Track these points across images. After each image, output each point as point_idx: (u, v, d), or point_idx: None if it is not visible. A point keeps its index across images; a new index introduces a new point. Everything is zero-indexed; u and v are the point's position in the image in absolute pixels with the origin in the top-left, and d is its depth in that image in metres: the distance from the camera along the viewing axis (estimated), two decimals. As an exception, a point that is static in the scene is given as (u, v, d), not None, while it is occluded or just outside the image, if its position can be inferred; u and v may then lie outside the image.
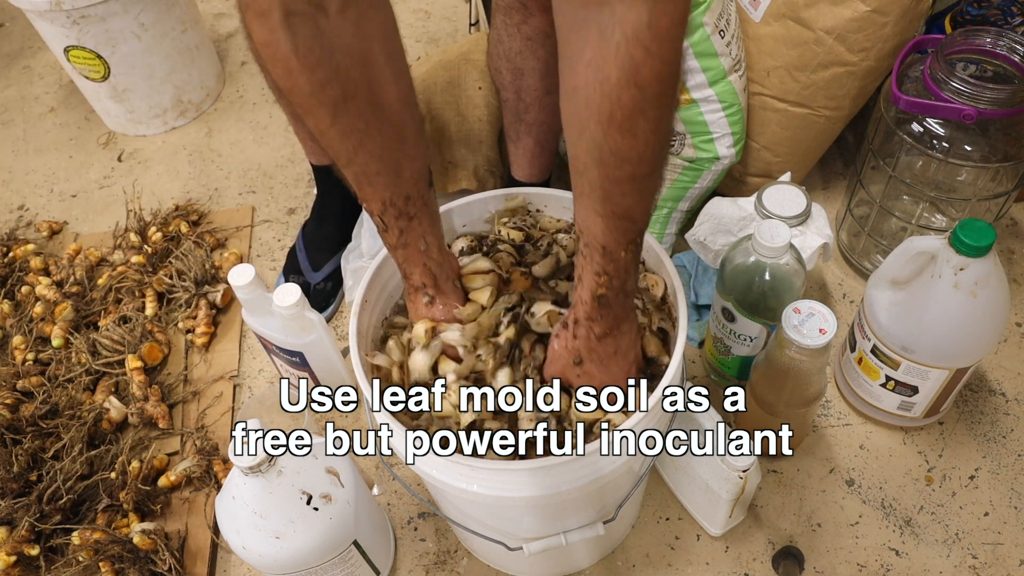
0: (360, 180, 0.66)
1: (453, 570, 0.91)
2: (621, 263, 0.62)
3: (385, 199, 0.67)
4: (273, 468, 0.68)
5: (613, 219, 0.59)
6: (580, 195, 0.61)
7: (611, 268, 0.62)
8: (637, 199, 0.59)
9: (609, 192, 0.58)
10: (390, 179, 0.66)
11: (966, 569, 0.88)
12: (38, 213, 1.40)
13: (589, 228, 0.61)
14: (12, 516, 0.92)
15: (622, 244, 0.61)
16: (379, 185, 0.66)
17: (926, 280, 0.82)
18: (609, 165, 0.56)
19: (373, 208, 0.68)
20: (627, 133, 0.54)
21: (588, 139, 0.56)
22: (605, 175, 0.57)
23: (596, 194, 0.58)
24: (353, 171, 0.65)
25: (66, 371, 1.07)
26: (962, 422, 0.99)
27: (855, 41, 1.00)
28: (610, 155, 0.55)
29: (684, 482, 0.90)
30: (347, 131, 0.61)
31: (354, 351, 0.71)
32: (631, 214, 0.60)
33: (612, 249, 0.61)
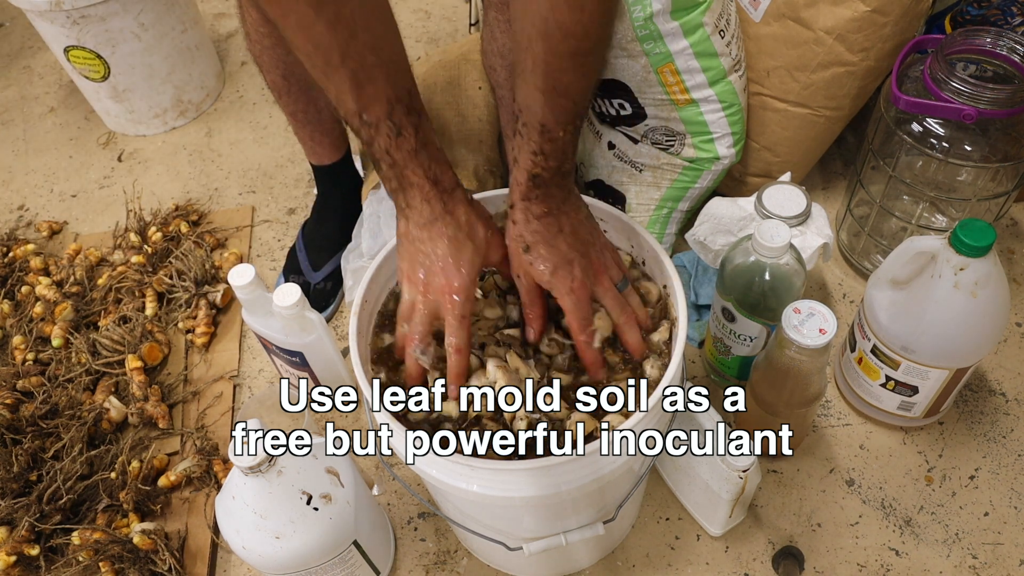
0: (359, 78, 0.59)
1: (453, 570, 0.91)
2: (559, 142, 0.62)
3: (390, 96, 0.60)
4: (273, 468, 0.68)
5: (553, 95, 0.60)
6: (522, 71, 0.60)
7: (548, 147, 0.62)
8: (578, 76, 0.60)
9: (551, 67, 0.58)
10: (390, 70, 0.60)
11: (966, 569, 0.88)
12: (38, 213, 1.40)
13: (529, 106, 0.61)
14: (12, 516, 0.92)
15: (561, 123, 0.61)
16: (380, 80, 0.60)
17: (926, 280, 0.82)
18: (554, 38, 0.56)
19: (379, 112, 0.61)
20: (574, 6, 0.55)
21: (535, 11, 0.56)
22: (549, 48, 0.57)
23: (539, 69, 0.59)
24: (349, 69, 0.58)
25: (66, 371, 1.07)
26: (962, 422, 0.99)
27: (855, 41, 1.00)
28: (556, 28, 0.56)
29: (684, 482, 0.90)
30: (336, 19, 0.56)
31: (354, 351, 0.71)
32: (571, 91, 0.60)
33: (551, 127, 0.61)
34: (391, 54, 0.60)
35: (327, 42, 0.57)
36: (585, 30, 0.57)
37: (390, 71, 0.60)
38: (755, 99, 1.11)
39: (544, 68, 0.59)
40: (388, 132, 0.62)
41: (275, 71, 1.02)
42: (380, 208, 1.10)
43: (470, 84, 1.15)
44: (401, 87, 0.61)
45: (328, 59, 0.58)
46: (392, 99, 0.60)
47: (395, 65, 0.60)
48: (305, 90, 1.05)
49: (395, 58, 0.61)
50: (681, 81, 1.01)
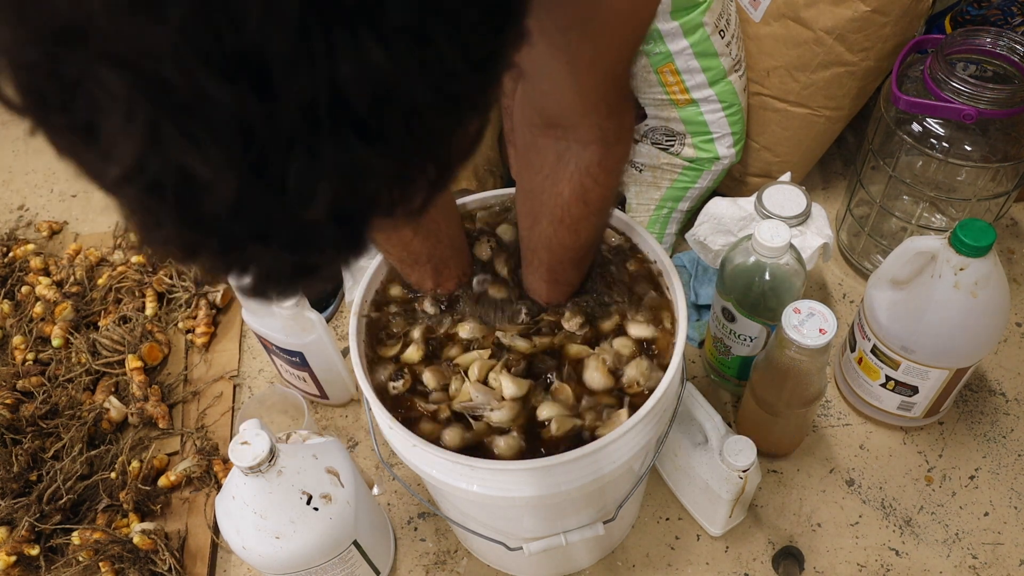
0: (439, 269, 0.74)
1: (453, 570, 0.91)
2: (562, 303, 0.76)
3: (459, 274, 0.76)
4: (273, 468, 0.68)
5: (556, 285, 0.73)
6: (528, 265, 0.73)
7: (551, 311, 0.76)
8: (576, 272, 0.73)
9: (554, 269, 0.71)
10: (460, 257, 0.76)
11: (966, 569, 0.88)
12: (38, 213, 1.40)
13: (535, 289, 0.75)
14: (12, 516, 0.92)
15: (562, 300, 0.75)
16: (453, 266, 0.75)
17: (926, 280, 0.82)
18: (556, 252, 0.69)
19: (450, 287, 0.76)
20: (572, 232, 0.66)
21: (540, 231, 0.68)
22: (552, 257, 0.70)
23: (543, 268, 0.72)
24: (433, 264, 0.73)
25: (66, 371, 1.07)
26: (962, 422, 0.99)
27: (855, 41, 0.99)
28: (558, 245, 0.68)
29: (684, 482, 0.90)
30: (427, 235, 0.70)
31: (354, 351, 0.71)
32: (570, 281, 0.74)
33: (553, 300, 0.75)
34: (460, 244, 0.75)
35: (418, 251, 0.71)
36: (581, 247, 0.69)
37: (459, 257, 0.75)
38: (755, 99, 1.11)
39: (548, 268, 0.71)
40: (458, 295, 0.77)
41: None
42: (380, 208, 1.09)
43: (470, 84, 1.15)
44: (466, 264, 0.76)
45: (416, 259, 0.72)
46: (460, 276, 0.76)
47: (463, 251, 0.76)
48: None
49: (462, 246, 0.76)
50: (681, 81, 1.01)
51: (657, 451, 0.76)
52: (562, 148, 0.62)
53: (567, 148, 0.61)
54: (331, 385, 1.02)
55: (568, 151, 0.61)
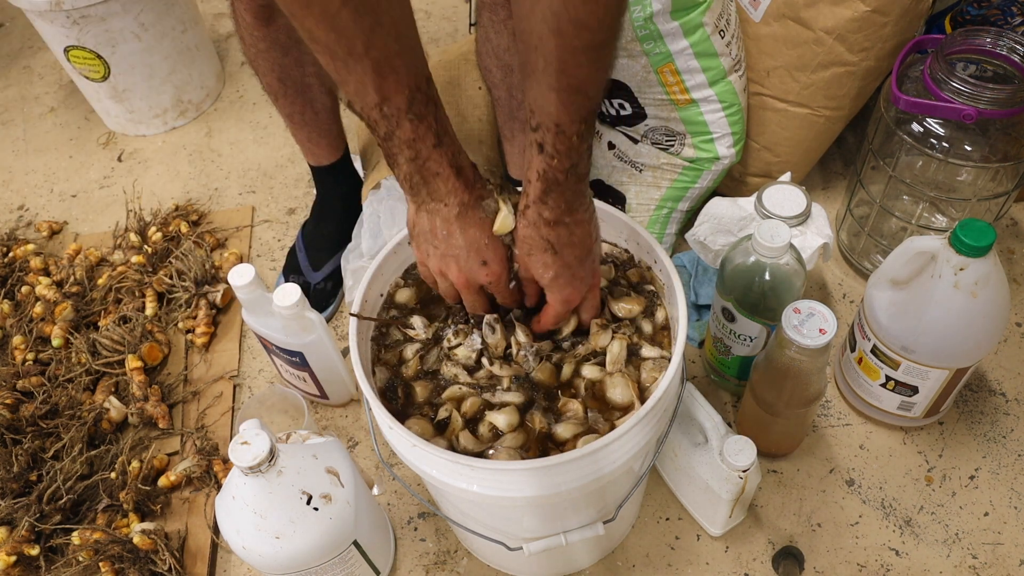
0: (382, 67, 0.57)
1: (453, 570, 0.91)
2: (573, 142, 0.61)
3: (411, 84, 0.59)
4: (273, 468, 0.68)
5: (568, 93, 0.58)
6: (532, 72, 0.59)
7: (563, 147, 0.61)
8: (593, 70, 0.58)
9: (565, 63, 0.57)
10: (410, 59, 0.59)
11: (966, 569, 0.88)
12: (38, 213, 1.40)
13: (542, 106, 0.60)
14: (12, 516, 0.92)
15: (576, 120, 0.60)
16: (401, 69, 0.58)
17: (926, 280, 0.82)
18: (567, 34, 0.55)
19: (401, 102, 0.59)
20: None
21: (544, 8, 0.55)
22: (562, 44, 0.56)
23: (552, 67, 0.57)
24: (372, 58, 0.57)
25: (66, 371, 1.07)
26: (962, 422, 0.99)
27: (855, 41, 1.00)
28: (569, 23, 0.55)
29: (684, 482, 0.90)
30: (361, 6, 0.54)
31: (354, 351, 0.71)
32: (586, 87, 0.59)
33: (565, 126, 0.60)
34: (411, 40, 0.59)
35: (352, 30, 0.55)
36: (600, 21, 0.55)
37: (410, 59, 0.59)
38: (755, 99, 1.11)
39: (558, 65, 0.57)
40: (410, 122, 0.60)
41: (271, 74, 1.02)
42: (380, 208, 1.10)
43: (470, 84, 1.15)
44: (421, 75, 0.60)
45: (351, 48, 0.56)
46: (413, 88, 0.59)
47: (414, 52, 0.59)
48: (301, 92, 1.05)
49: (414, 44, 0.59)
50: (681, 81, 1.01)
51: (657, 451, 0.76)
52: None
53: None
54: (331, 385, 1.02)
55: None
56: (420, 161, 0.62)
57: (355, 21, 0.54)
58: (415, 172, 0.63)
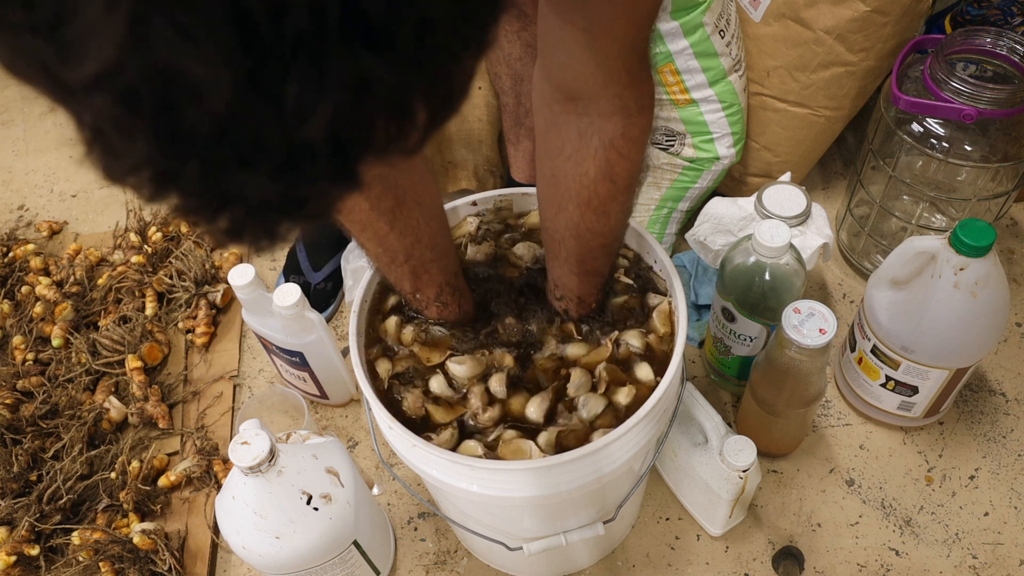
0: (418, 271, 0.70)
1: (453, 570, 0.91)
2: (592, 306, 0.74)
3: (441, 282, 0.71)
4: (273, 468, 0.68)
5: (586, 276, 0.71)
6: (555, 258, 0.71)
7: (584, 310, 0.74)
8: (605, 260, 0.71)
9: (583, 258, 0.69)
10: (443, 262, 0.71)
11: (966, 569, 0.88)
12: (38, 213, 1.40)
13: (565, 283, 0.72)
14: (12, 516, 0.92)
15: (593, 293, 0.73)
16: (435, 271, 0.71)
17: (926, 280, 0.82)
18: (584, 239, 0.67)
19: (430, 294, 0.72)
20: (601, 215, 0.65)
21: (567, 218, 0.66)
22: (581, 245, 0.68)
23: (572, 259, 0.69)
24: (411, 265, 0.69)
25: (66, 371, 1.07)
26: (962, 422, 0.99)
27: (855, 41, 0.99)
28: (586, 231, 0.66)
29: (684, 482, 0.90)
30: (404, 231, 0.66)
31: (354, 351, 0.71)
32: (601, 271, 0.72)
33: (585, 297, 0.73)
34: (445, 246, 0.71)
35: (395, 247, 0.67)
36: (611, 231, 0.67)
37: (442, 262, 0.71)
38: (755, 99, 1.11)
39: (577, 258, 0.69)
40: (436, 307, 0.74)
41: None
42: (380, 208, 1.10)
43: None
44: (450, 272, 0.72)
45: (394, 259, 0.68)
46: (442, 284, 0.72)
47: (447, 256, 0.72)
48: None
49: (447, 248, 0.72)
50: (681, 81, 1.01)
51: (657, 451, 0.76)
52: (584, 124, 0.60)
53: (589, 123, 0.60)
54: (331, 385, 1.02)
55: (590, 126, 0.60)
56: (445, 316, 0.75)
57: (399, 241, 0.67)
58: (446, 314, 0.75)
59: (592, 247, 0.68)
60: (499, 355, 0.73)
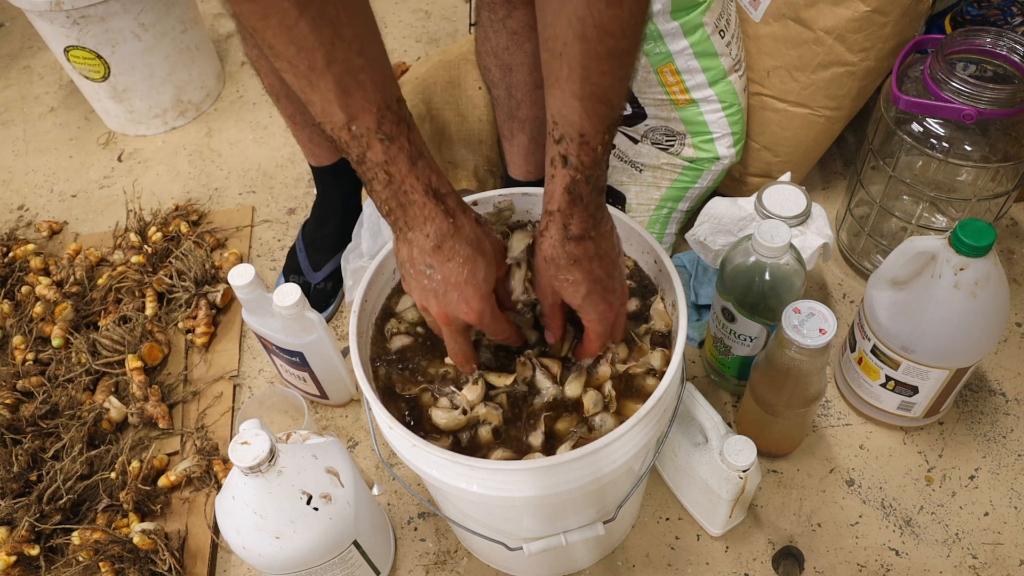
0: (346, 83, 0.54)
1: (453, 570, 0.91)
2: (598, 152, 0.60)
3: (379, 102, 0.56)
4: (273, 468, 0.68)
5: (592, 101, 0.58)
6: (556, 80, 0.59)
7: (587, 158, 0.60)
8: (616, 79, 0.58)
9: (589, 71, 0.57)
10: (375, 75, 0.56)
11: (966, 569, 0.88)
12: (38, 213, 1.40)
13: (566, 115, 0.59)
14: (12, 516, 0.92)
15: (599, 130, 0.59)
16: (368, 86, 0.55)
17: (926, 280, 0.82)
18: (592, 40, 0.55)
19: (369, 121, 0.56)
20: (612, 3, 0.54)
21: (570, 13, 0.55)
22: (587, 51, 0.56)
23: (575, 74, 0.57)
24: (335, 73, 0.54)
25: (66, 371, 1.07)
26: (962, 422, 0.99)
27: (855, 41, 1.00)
28: (593, 28, 0.55)
29: (684, 482, 0.90)
30: (320, 17, 0.52)
31: (354, 351, 0.71)
32: (609, 96, 0.58)
33: (590, 136, 0.59)
34: (377, 55, 0.56)
35: (311, 43, 0.53)
36: (623, 28, 0.55)
37: (377, 75, 0.56)
38: (755, 99, 1.11)
39: (582, 73, 0.57)
40: (380, 143, 0.57)
41: (272, 75, 1.02)
42: (380, 208, 1.10)
43: (470, 84, 1.15)
44: (390, 93, 0.57)
45: (312, 63, 0.53)
46: (382, 106, 0.56)
47: (381, 68, 0.56)
48: None
49: (380, 60, 0.57)
50: (681, 81, 1.01)
51: (657, 451, 0.76)
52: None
53: None
54: (331, 385, 1.02)
55: None
56: (395, 186, 0.59)
57: (313, 32, 0.52)
58: (391, 198, 0.60)
59: (599, 53, 0.56)
60: (488, 412, 0.70)
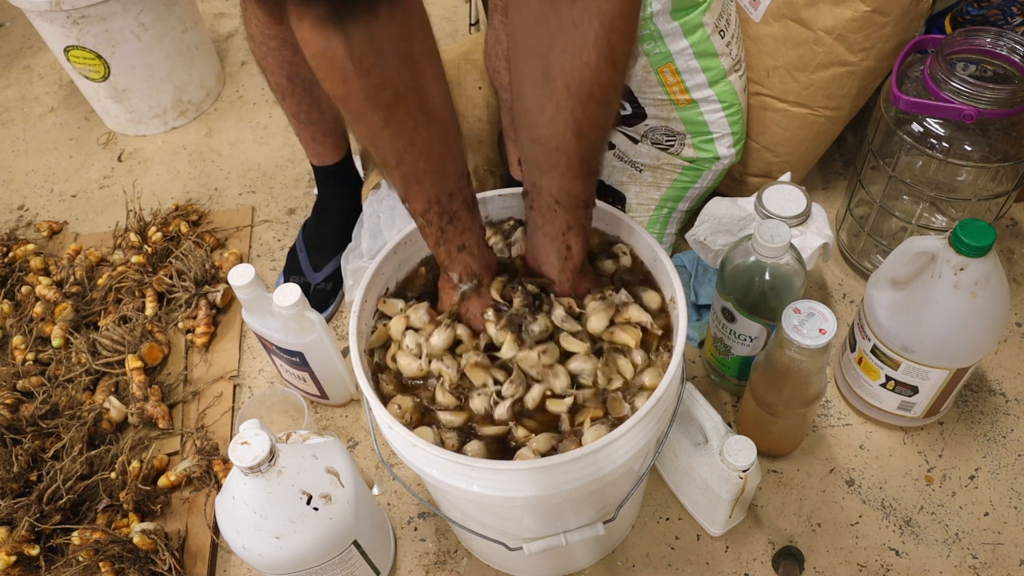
0: (408, 180, 0.67)
1: (453, 570, 0.91)
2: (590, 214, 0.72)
3: (431, 197, 0.68)
4: (273, 468, 0.68)
5: (589, 177, 0.68)
6: (554, 167, 0.67)
7: (585, 220, 0.71)
8: (601, 154, 0.69)
9: (586, 157, 0.66)
10: (436, 177, 0.67)
11: (966, 569, 0.88)
12: (38, 213, 1.40)
13: (569, 192, 0.68)
14: (12, 516, 0.92)
15: (594, 193, 0.71)
16: (426, 184, 0.67)
17: (926, 280, 0.82)
18: (587, 136, 0.64)
19: (417, 208, 0.69)
20: (604, 106, 0.63)
21: (566, 118, 0.63)
22: (584, 145, 0.65)
23: (575, 161, 0.66)
24: (402, 171, 0.66)
25: (66, 371, 1.07)
26: (962, 422, 0.99)
27: (855, 41, 1.00)
28: (588, 127, 0.63)
29: (684, 482, 0.90)
30: (399, 131, 0.63)
31: (354, 351, 0.71)
32: (599, 168, 0.70)
33: (590, 200, 0.71)
34: (441, 159, 0.67)
35: (388, 148, 0.64)
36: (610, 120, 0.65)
37: (437, 176, 0.67)
38: (755, 99, 1.11)
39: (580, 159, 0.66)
40: (420, 224, 0.71)
41: (279, 73, 1.02)
42: (380, 208, 1.10)
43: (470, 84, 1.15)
44: (443, 190, 0.68)
45: (385, 161, 0.65)
46: (431, 200, 0.68)
47: (444, 169, 0.67)
48: (308, 91, 1.05)
49: (445, 161, 0.67)
50: (681, 81, 1.01)
51: (657, 451, 0.76)
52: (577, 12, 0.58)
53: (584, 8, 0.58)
54: (331, 385, 1.02)
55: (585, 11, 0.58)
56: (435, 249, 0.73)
57: (392, 142, 0.63)
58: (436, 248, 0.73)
59: (594, 143, 0.65)
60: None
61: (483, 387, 0.70)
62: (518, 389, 0.69)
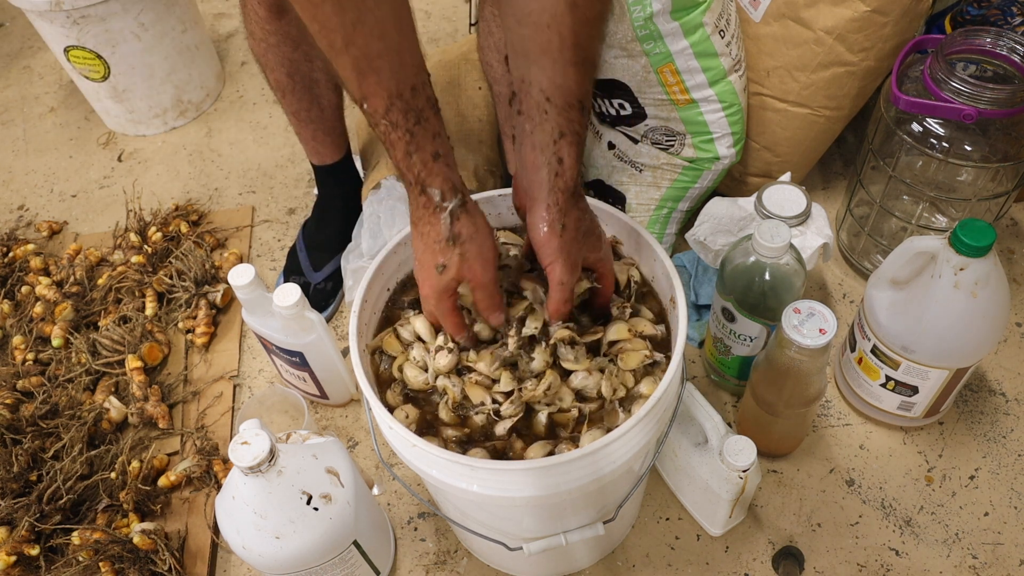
0: (361, 67, 0.57)
1: (453, 570, 0.91)
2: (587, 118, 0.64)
3: (391, 91, 0.59)
4: (273, 468, 0.68)
5: (585, 66, 0.61)
6: (545, 52, 0.60)
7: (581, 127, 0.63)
8: (599, 40, 0.63)
9: (580, 36, 0.60)
10: (393, 63, 0.58)
11: (966, 569, 0.88)
12: (38, 213, 1.40)
13: (561, 85, 0.61)
14: (12, 516, 0.92)
15: (590, 94, 0.63)
16: (383, 72, 0.58)
17: (926, 280, 0.82)
18: (583, 8, 0.59)
19: (378, 106, 0.59)
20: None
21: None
22: (579, 19, 0.59)
23: (568, 42, 0.60)
24: (352, 56, 0.57)
25: (66, 371, 1.07)
26: (962, 422, 0.99)
27: (855, 41, 1.00)
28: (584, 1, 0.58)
29: (684, 482, 0.90)
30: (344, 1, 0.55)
31: (354, 351, 0.71)
32: (595, 58, 0.63)
33: (586, 100, 0.63)
34: (399, 42, 0.58)
35: (333, 24, 0.55)
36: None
37: (395, 62, 0.58)
38: (755, 99, 1.11)
39: (573, 40, 0.59)
40: (384, 129, 0.60)
41: (279, 70, 1.02)
42: (380, 208, 1.10)
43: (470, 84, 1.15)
44: (404, 82, 0.59)
45: (332, 42, 0.56)
46: (393, 93, 0.59)
47: (401, 55, 0.58)
48: (308, 88, 1.05)
49: (402, 47, 0.58)
50: (681, 81, 1.01)
51: (657, 451, 0.76)
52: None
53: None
54: (331, 385, 1.02)
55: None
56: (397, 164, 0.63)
57: (336, 14, 0.55)
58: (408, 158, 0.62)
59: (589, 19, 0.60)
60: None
61: (481, 405, 0.70)
62: (517, 410, 0.69)
